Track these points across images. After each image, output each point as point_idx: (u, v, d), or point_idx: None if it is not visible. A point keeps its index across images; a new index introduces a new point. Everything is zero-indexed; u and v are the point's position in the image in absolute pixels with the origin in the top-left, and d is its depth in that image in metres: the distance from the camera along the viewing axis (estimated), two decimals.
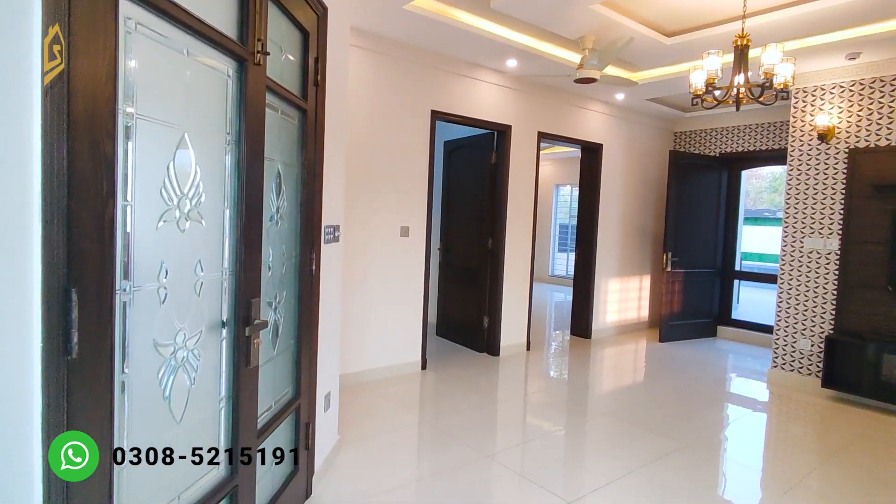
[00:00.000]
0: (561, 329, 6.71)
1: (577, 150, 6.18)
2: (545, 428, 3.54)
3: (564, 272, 11.01)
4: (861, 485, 2.85)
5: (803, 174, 4.57)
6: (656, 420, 3.68)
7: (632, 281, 6.56)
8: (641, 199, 6.58)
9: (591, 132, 5.85)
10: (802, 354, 4.56)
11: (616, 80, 4.28)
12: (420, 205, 4.44)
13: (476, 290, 5.22)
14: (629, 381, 4.80)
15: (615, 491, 2.64)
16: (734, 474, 3.05)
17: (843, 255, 4.30)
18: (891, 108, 4.10)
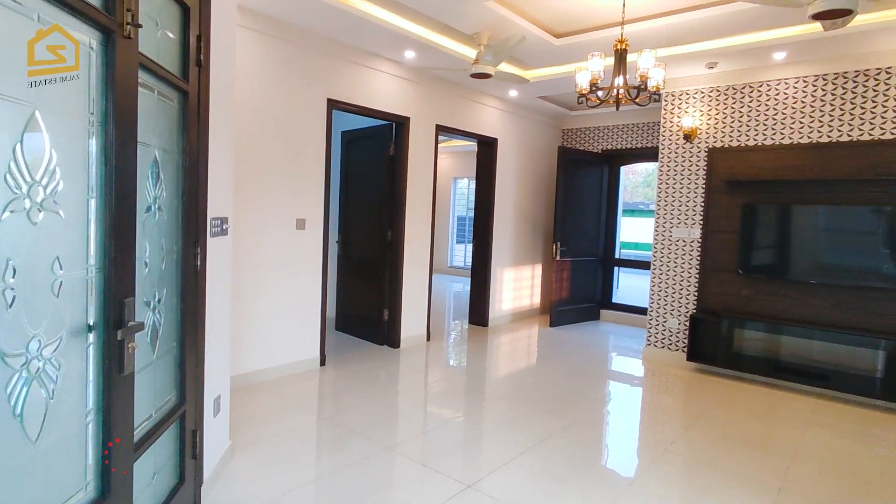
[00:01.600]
0: (460, 319, 6.87)
1: (474, 143, 6.33)
2: (445, 415, 3.61)
3: (463, 263, 11.28)
4: (717, 443, 3.24)
5: (672, 170, 5.07)
6: (548, 400, 3.91)
7: (525, 270, 6.88)
8: (533, 192, 6.91)
9: (486, 127, 6.02)
10: (671, 332, 5.08)
11: (509, 77, 4.43)
12: (317, 197, 4.29)
13: (376, 282, 5.18)
14: (523, 365, 5.05)
15: (512, 470, 2.77)
16: (615, 445, 3.33)
17: (704, 242, 4.85)
18: (741, 113, 4.67)
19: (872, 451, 3.28)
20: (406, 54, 4.53)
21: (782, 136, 4.45)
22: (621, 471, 2.98)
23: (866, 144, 4.08)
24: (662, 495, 2.65)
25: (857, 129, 4.12)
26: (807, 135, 4.34)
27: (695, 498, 2.64)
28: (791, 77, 4.41)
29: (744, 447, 3.21)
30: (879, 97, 4.04)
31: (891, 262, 3.96)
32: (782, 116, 4.45)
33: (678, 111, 5.02)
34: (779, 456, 3.09)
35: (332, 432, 3.20)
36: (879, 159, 4.02)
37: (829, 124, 4.25)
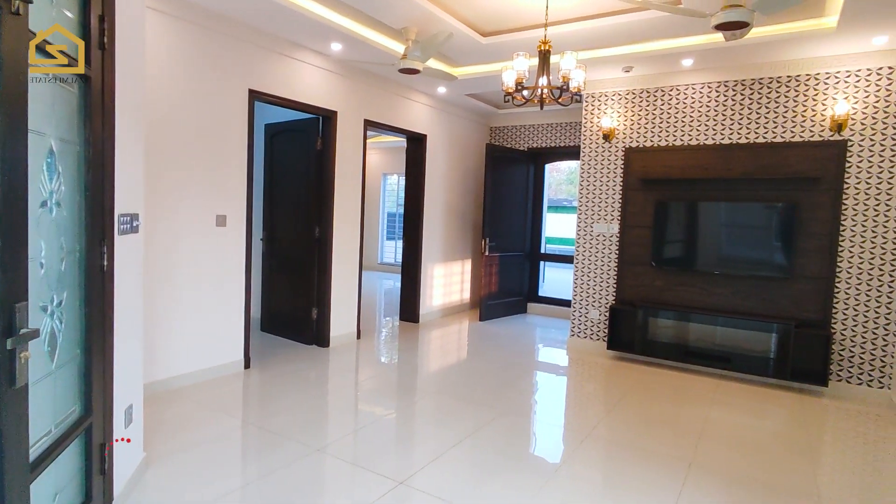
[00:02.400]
0: (391, 315, 6.83)
1: (404, 139, 6.30)
2: (377, 413, 3.59)
3: (393, 260, 11.22)
4: (635, 425, 3.45)
5: (592, 168, 5.31)
6: (478, 393, 3.98)
7: (455, 266, 6.96)
8: (463, 189, 6.99)
9: (416, 123, 6.01)
10: (593, 323, 5.34)
11: (438, 74, 4.45)
12: (238, 192, 4.10)
13: (303, 280, 5.03)
14: (454, 359, 5.11)
15: (443, 463, 2.79)
16: (543, 432, 3.45)
17: (622, 237, 5.13)
18: (654, 115, 4.97)
19: (767, 424, 3.62)
20: (333, 46, 4.42)
21: (690, 138, 4.79)
22: (548, 457, 3.10)
23: (761, 146, 4.48)
24: (586, 478, 2.78)
25: (754, 133, 4.51)
26: (711, 136, 4.69)
27: (615, 478, 2.79)
28: (698, 83, 4.75)
29: (658, 427, 3.44)
30: (772, 104, 4.44)
31: (781, 253, 4.38)
32: (690, 119, 4.79)
33: (598, 112, 5.26)
34: (688, 434, 3.34)
35: (258, 437, 3.08)
36: (771, 160, 4.43)
37: (730, 127, 4.61)
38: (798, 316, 4.34)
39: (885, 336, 4.05)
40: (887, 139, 4.01)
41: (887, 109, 4.01)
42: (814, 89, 4.27)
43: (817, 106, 4.26)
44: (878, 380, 4.09)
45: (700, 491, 2.63)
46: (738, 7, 2.80)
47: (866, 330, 4.11)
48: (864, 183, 4.09)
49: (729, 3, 2.82)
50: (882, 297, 4.05)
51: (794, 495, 2.63)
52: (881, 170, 4.03)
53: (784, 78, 4.38)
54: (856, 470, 3.09)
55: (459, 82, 5.41)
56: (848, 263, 4.17)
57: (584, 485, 2.70)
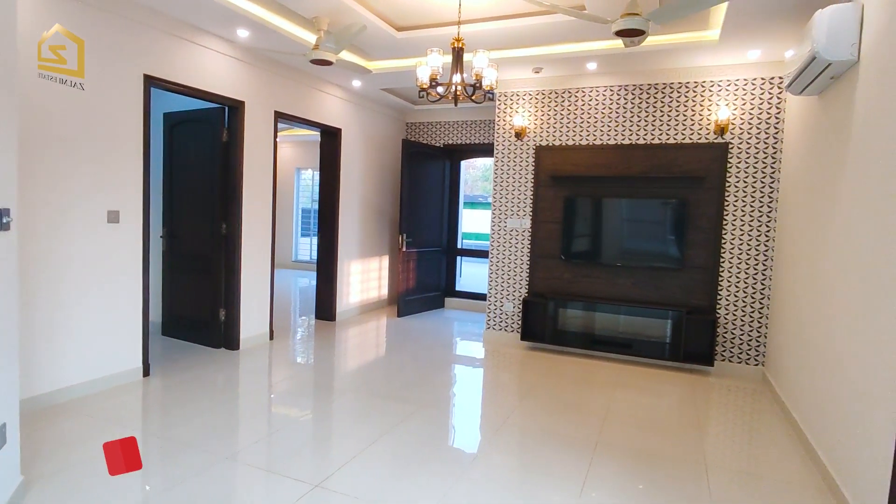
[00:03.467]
0: (306, 314, 6.64)
1: (318, 133, 6.13)
2: (292, 415, 3.48)
3: (308, 257, 10.90)
4: (546, 411, 3.61)
5: (506, 165, 5.47)
6: (396, 389, 3.98)
7: (372, 262, 6.89)
8: (379, 184, 6.93)
9: (330, 116, 5.86)
10: (508, 315, 5.52)
11: (352, 66, 4.37)
12: (133, 185, 3.78)
13: (210, 280, 4.75)
14: (372, 356, 5.07)
15: (362, 462, 2.77)
16: (460, 424, 3.52)
17: (533, 232, 5.34)
18: (561, 116, 5.21)
19: (663, 403, 3.94)
20: (239, 33, 4.20)
21: (595, 138, 5.07)
22: (466, 448, 3.17)
23: (656, 147, 4.84)
24: (502, 465, 2.88)
25: (650, 134, 4.87)
26: (613, 137, 5.00)
27: (529, 462, 2.91)
28: (601, 86, 5.03)
29: (568, 412, 3.63)
30: (665, 108, 4.81)
31: (674, 246, 4.77)
32: (595, 120, 5.07)
33: (510, 111, 5.42)
34: (595, 416, 3.55)
35: (161, 448, 2.87)
36: (665, 160, 4.80)
37: (629, 129, 4.94)
38: (689, 303, 4.76)
39: (759, 319, 4.54)
40: (760, 142, 4.49)
41: (760, 116, 4.48)
42: (700, 95, 4.68)
43: (703, 111, 4.68)
44: (755, 358, 4.58)
45: (605, 468, 2.81)
46: (636, 16, 3.00)
47: (745, 314, 4.59)
48: (742, 182, 4.56)
49: (628, 12, 3.02)
50: (757, 284, 4.54)
51: (685, 463, 2.89)
52: (756, 170, 4.51)
53: (675, 84, 4.76)
54: (735, 438, 3.46)
55: (374, 76, 5.35)
56: (729, 254, 4.62)
57: (501, 472, 2.79)
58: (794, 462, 2.98)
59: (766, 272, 4.51)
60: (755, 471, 2.92)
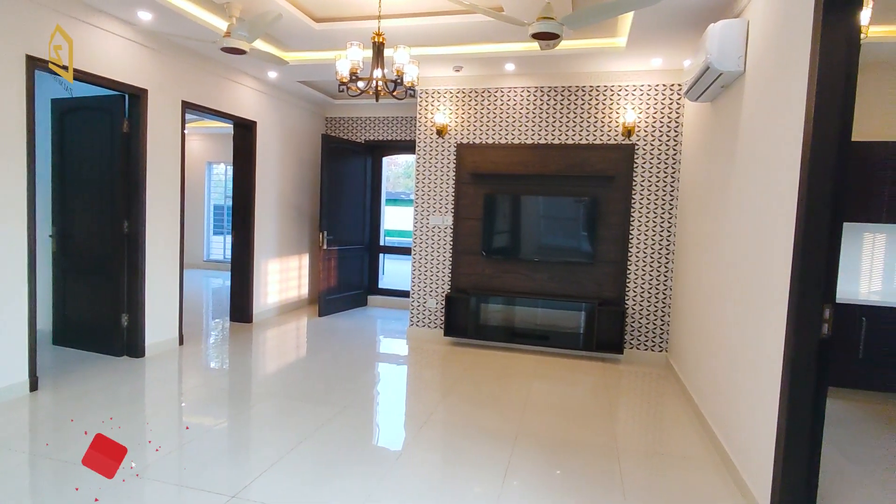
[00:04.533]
0: (221, 317, 6.30)
1: (230, 125, 5.82)
2: (206, 424, 3.29)
3: (222, 256, 10.34)
4: (469, 405, 3.68)
5: (427, 162, 5.49)
6: (318, 391, 3.88)
7: (291, 260, 6.67)
8: (298, 180, 6.71)
9: (244, 108, 5.59)
10: (431, 312, 5.55)
11: (267, 57, 4.19)
12: (15, 179, 3.39)
13: (109, 283, 4.37)
14: (292, 358, 4.91)
15: (282, 468, 2.67)
16: (385, 422, 3.50)
17: (456, 229, 5.41)
18: (482, 114, 5.31)
19: (578, 391, 4.15)
20: (141, 15, 3.89)
21: (513, 137, 5.22)
22: (391, 446, 3.15)
23: (570, 147, 5.06)
24: (426, 461, 2.89)
25: (565, 135, 5.09)
26: (531, 136, 5.17)
27: (453, 457, 2.95)
28: (519, 86, 5.18)
29: (489, 405, 3.72)
30: (578, 109, 5.04)
31: (587, 242, 5.02)
32: (513, 120, 5.22)
33: (431, 108, 5.44)
34: (515, 407, 3.67)
35: (52, 471, 2.61)
36: (578, 160, 5.04)
37: (545, 129, 5.13)
38: (601, 295, 5.03)
39: (663, 308, 4.90)
40: (662, 144, 4.83)
41: (662, 119, 4.82)
42: (609, 99, 4.96)
43: (612, 114, 4.96)
44: (659, 345, 4.94)
45: (525, 457, 2.91)
46: (551, 20, 3.12)
47: (650, 304, 4.94)
48: (647, 181, 4.88)
49: (543, 16, 3.13)
50: (660, 276, 4.89)
51: (599, 447, 3.06)
52: (659, 170, 4.85)
53: (587, 87, 5.01)
54: (643, 421, 3.71)
55: (291, 68, 5.16)
56: (636, 249, 4.94)
57: (425, 468, 2.81)
58: (695, 440, 3.25)
59: (669, 265, 4.87)
60: (661, 450, 3.15)
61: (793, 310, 2.13)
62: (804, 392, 2.12)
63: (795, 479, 2.15)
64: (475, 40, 4.51)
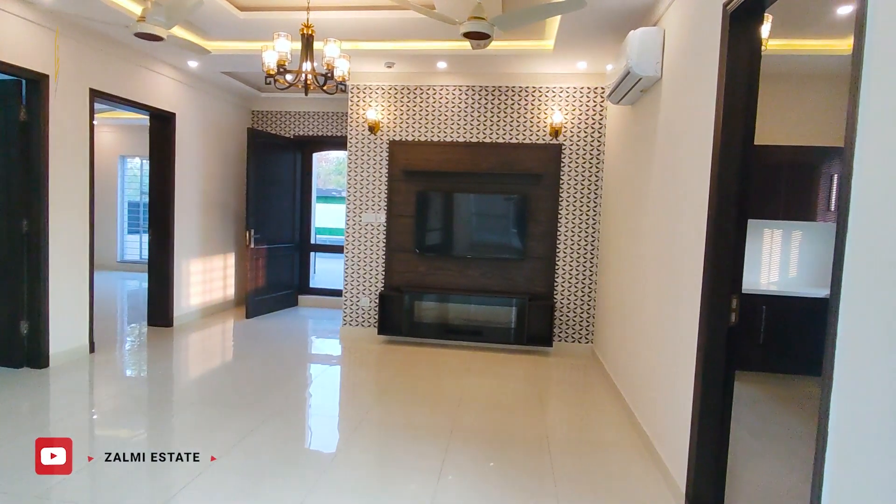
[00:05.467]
0: (137, 321, 5.90)
1: (147, 117, 5.44)
2: (121, 437, 3.06)
3: (138, 256, 9.67)
4: (404, 404, 3.67)
5: (360, 159, 5.41)
6: (246, 396, 3.73)
7: (216, 260, 6.35)
8: (222, 176, 6.40)
9: (161, 98, 5.25)
10: (364, 311, 5.49)
11: (187, 45, 3.95)
12: None
13: (6, 287, 3.96)
14: (217, 363, 4.68)
15: (207, 480, 2.54)
16: (317, 426, 3.42)
17: (388, 226, 5.37)
18: (415, 111, 5.30)
19: (510, 384, 4.25)
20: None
21: (446, 135, 5.25)
22: (324, 449, 3.09)
23: (501, 146, 5.17)
24: (361, 462, 2.86)
25: (496, 133, 5.19)
26: (463, 135, 5.23)
27: (388, 457, 2.93)
28: (451, 85, 5.22)
29: (425, 402, 3.73)
30: (509, 109, 5.16)
31: (517, 238, 5.15)
32: (445, 117, 5.25)
33: (363, 104, 5.37)
34: (450, 403, 3.70)
35: None
36: (509, 158, 5.16)
37: (477, 127, 5.21)
38: (531, 290, 5.18)
39: (588, 302, 5.12)
40: (587, 145, 5.04)
41: (587, 121, 5.03)
42: (538, 100, 5.11)
43: (541, 114, 5.11)
44: (585, 337, 5.16)
45: (460, 451, 2.95)
46: (481, 20, 3.16)
47: (576, 298, 5.14)
48: (573, 179, 5.08)
49: (473, 15, 3.16)
50: (586, 271, 5.11)
51: (531, 438, 3.15)
52: (584, 169, 5.06)
53: (517, 88, 5.13)
54: (572, 410, 3.86)
55: (214, 58, 4.91)
56: (564, 245, 5.13)
57: (360, 469, 2.77)
58: (620, 426, 3.42)
59: (594, 260, 5.09)
60: (589, 438, 3.29)
61: (705, 300, 2.30)
62: (715, 376, 2.30)
63: (707, 456, 2.32)
64: (407, 37, 4.49)
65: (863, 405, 1.31)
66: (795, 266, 4.71)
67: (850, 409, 1.35)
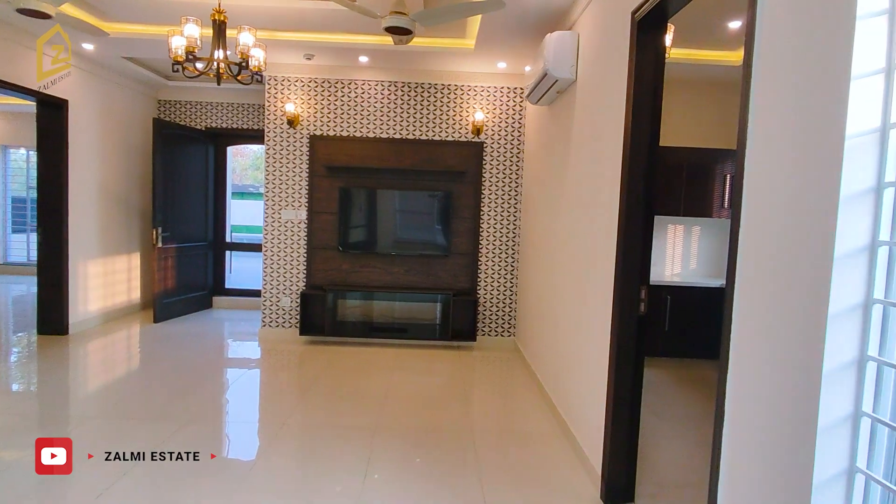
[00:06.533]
0: (26, 330, 5.33)
1: (34, 103, 4.91)
2: (6, 460, 2.75)
3: (25, 258, 8.73)
4: (328, 405, 3.59)
5: (278, 154, 5.21)
6: (155, 406, 3.48)
7: (119, 261, 5.87)
8: (124, 169, 5.91)
9: (50, 83, 4.75)
10: (285, 311, 5.30)
11: (79, 25, 3.60)
12: None
13: None
14: (122, 372, 4.33)
15: (111, 499, 2.34)
16: (235, 433, 3.26)
17: (310, 223, 5.22)
18: (336, 106, 5.18)
19: (435, 380, 4.28)
20: None
21: (368, 130, 5.18)
22: (242, 456, 2.95)
23: (425, 143, 5.18)
24: (282, 467, 2.76)
25: (419, 130, 5.19)
26: (386, 130, 5.18)
27: (311, 460, 2.85)
28: (374, 80, 5.15)
29: (349, 402, 3.67)
30: (432, 106, 5.18)
31: (441, 235, 5.19)
32: (368, 113, 5.17)
33: (282, 96, 5.17)
34: (375, 402, 3.67)
35: None
36: (433, 155, 5.18)
37: (400, 123, 5.18)
38: (455, 286, 5.24)
39: (510, 296, 5.27)
40: (507, 143, 5.17)
41: (507, 120, 5.16)
42: (460, 98, 5.17)
43: (463, 112, 5.18)
44: (507, 330, 5.30)
45: (386, 449, 2.93)
46: (403, 15, 3.14)
47: (499, 292, 5.27)
48: (495, 177, 5.19)
49: (395, 10, 3.13)
50: (507, 266, 5.25)
51: (456, 431, 3.19)
52: (505, 167, 5.19)
53: (440, 85, 5.16)
54: (496, 402, 3.96)
55: (113, 41, 4.51)
56: (486, 241, 5.24)
57: (281, 475, 2.68)
58: (541, 416, 3.55)
59: (515, 255, 5.24)
60: (511, 428, 3.39)
61: (617, 292, 2.43)
62: (627, 363, 2.44)
63: (621, 440, 2.46)
64: (328, 29, 4.37)
65: (755, 384, 1.45)
66: (695, 259, 5.11)
67: (744, 389, 1.49)
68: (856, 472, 1.19)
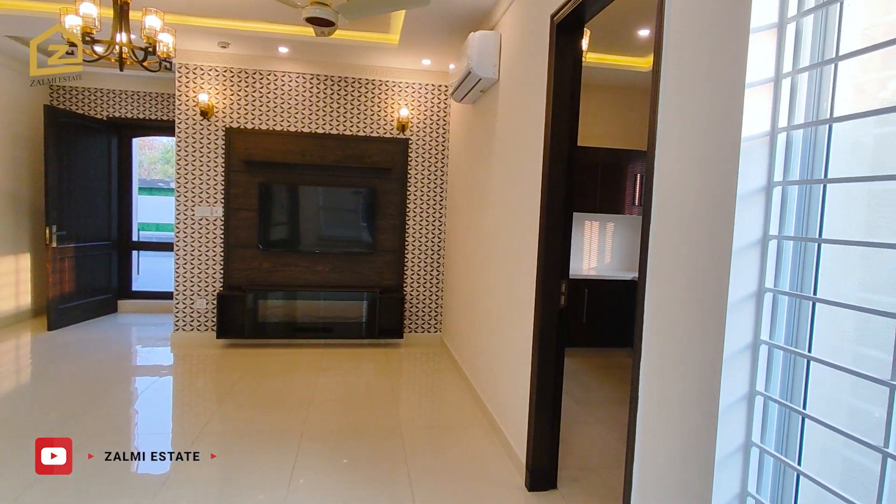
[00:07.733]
0: None
1: None
2: None
3: None
4: (249, 410, 3.44)
5: (191, 147, 4.90)
6: (51, 423, 3.16)
7: (5, 262, 5.27)
8: (11, 162, 5.31)
9: None
10: (200, 313, 5.00)
11: None
12: None
13: None
14: (9, 385, 3.90)
15: None
16: (146, 445, 3.03)
17: (227, 220, 4.96)
18: (254, 98, 4.95)
19: (363, 379, 4.22)
20: None
21: (289, 124, 5.00)
22: (154, 470, 2.74)
23: (349, 138, 5.08)
24: (200, 477, 2.60)
25: (342, 125, 5.08)
26: (308, 125, 5.02)
27: (231, 469, 2.71)
28: (294, 72, 4.97)
29: (272, 406, 3.53)
30: (356, 101, 5.08)
31: (367, 232, 5.13)
32: (289, 106, 4.99)
33: (194, 86, 4.86)
34: (300, 405, 3.55)
35: None
36: (357, 151, 5.09)
37: (324, 118, 5.04)
38: (381, 284, 5.19)
39: (436, 292, 5.30)
40: (432, 140, 5.19)
41: (432, 117, 5.18)
42: (385, 93, 5.11)
43: (388, 108, 5.13)
44: (434, 326, 5.33)
45: (312, 453, 2.85)
46: (325, 6, 3.05)
47: (425, 289, 5.29)
48: (420, 173, 5.20)
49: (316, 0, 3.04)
50: (434, 263, 5.28)
51: (384, 430, 3.17)
52: (430, 163, 5.20)
53: (364, 80, 5.08)
54: (423, 398, 3.97)
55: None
56: (412, 237, 5.23)
57: (199, 487, 2.53)
58: (468, 410, 3.60)
59: (440, 251, 5.28)
60: (439, 423, 3.41)
61: (539, 286, 2.52)
62: (549, 354, 2.53)
63: (544, 428, 2.56)
64: (245, 17, 4.17)
65: (665, 370, 1.55)
66: (609, 253, 5.40)
67: (655, 374, 1.59)
68: (751, 447, 1.31)
